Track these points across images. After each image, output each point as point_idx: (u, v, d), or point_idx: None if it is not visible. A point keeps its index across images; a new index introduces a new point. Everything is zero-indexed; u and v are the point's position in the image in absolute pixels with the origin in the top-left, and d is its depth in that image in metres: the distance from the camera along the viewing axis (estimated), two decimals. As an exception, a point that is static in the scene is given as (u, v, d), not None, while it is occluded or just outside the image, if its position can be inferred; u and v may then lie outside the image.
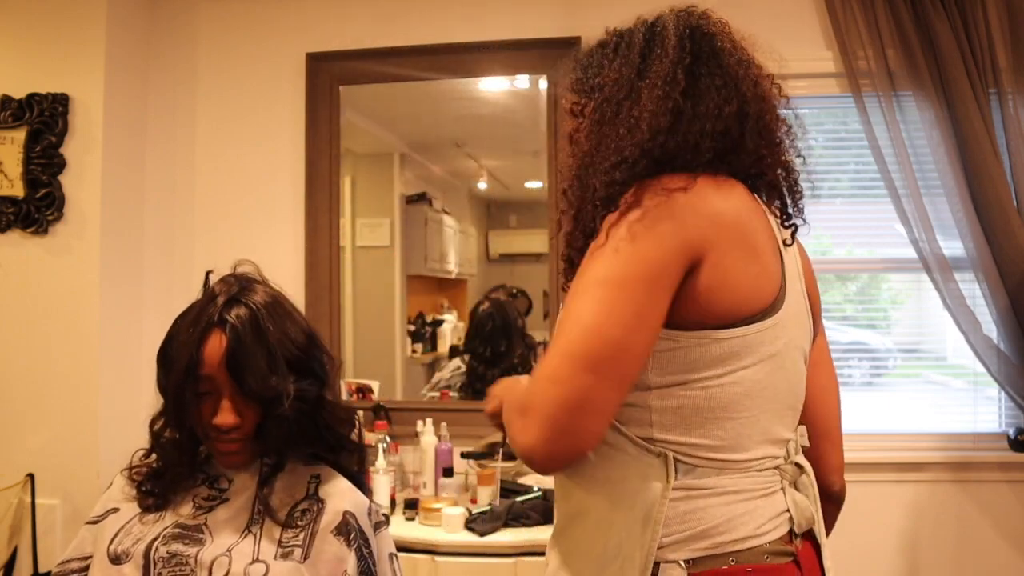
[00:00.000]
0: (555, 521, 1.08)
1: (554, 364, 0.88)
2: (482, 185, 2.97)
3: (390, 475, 2.40)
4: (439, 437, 2.51)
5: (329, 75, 2.76)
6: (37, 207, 2.55)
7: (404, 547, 2.13)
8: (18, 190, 2.56)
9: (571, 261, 1.02)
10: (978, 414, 2.60)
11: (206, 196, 2.83)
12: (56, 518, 2.50)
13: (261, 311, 1.17)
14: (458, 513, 2.21)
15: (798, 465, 1.04)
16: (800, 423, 1.08)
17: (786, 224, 1.06)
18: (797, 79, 2.61)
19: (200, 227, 2.82)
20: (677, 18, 1.03)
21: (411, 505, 2.34)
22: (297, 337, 1.20)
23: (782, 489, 1.00)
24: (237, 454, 1.19)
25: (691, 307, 0.91)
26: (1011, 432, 2.43)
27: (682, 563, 0.92)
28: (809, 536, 1.03)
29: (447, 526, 2.20)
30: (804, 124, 1.13)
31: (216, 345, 1.15)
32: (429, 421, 2.54)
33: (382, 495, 2.33)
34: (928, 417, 2.63)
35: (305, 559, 1.13)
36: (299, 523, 1.16)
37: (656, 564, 0.92)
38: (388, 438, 2.49)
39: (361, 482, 1.28)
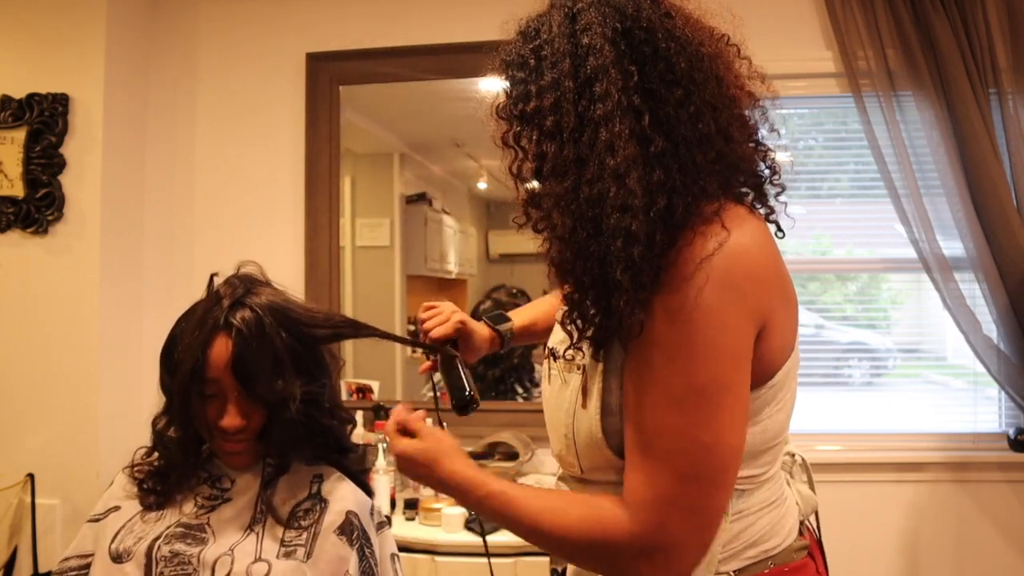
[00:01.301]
0: None
1: (676, 491, 0.83)
2: (482, 185, 2.97)
3: (390, 475, 2.40)
4: (439, 437, 2.50)
5: (329, 75, 2.76)
6: (37, 207, 2.55)
7: (404, 547, 2.13)
8: (18, 190, 2.56)
9: (579, 329, 0.92)
10: (978, 414, 2.60)
11: (206, 196, 2.83)
12: (56, 518, 2.49)
13: (266, 314, 1.17)
14: (458, 513, 2.21)
15: (791, 454, 1.10)
16: None
17: (769, 219, 0.99)
18: (797, 79, 2.62)
19: (200, 227, 2.82)
20: (600, 8, 0.86)
21: (411, 505, 2.34)
22: (314, 323, 1.20)
23: (787, 483, 1.05)
24: (242, 454, 1.19)
25: (756, 370, 0.88)
26: (1011, 432, 2.43)
27: (732, 573, 0.93)
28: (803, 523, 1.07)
29: (447, 526, 2.20)
30: (770, 115, 0.98)
31: (222, 349, 1.14)
32: (429, 421, 2.53)
33: (382, 495, 2.33)
34: (928, 417, 2.63)
35: (308, 558, 1.13)
36: (302, 523, 1.16)
37: None
38: (388, 438, 2.49)
39: (363, 482, 1.27)
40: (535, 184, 0.93)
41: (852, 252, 2.77)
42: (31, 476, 2.49)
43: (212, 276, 1.27)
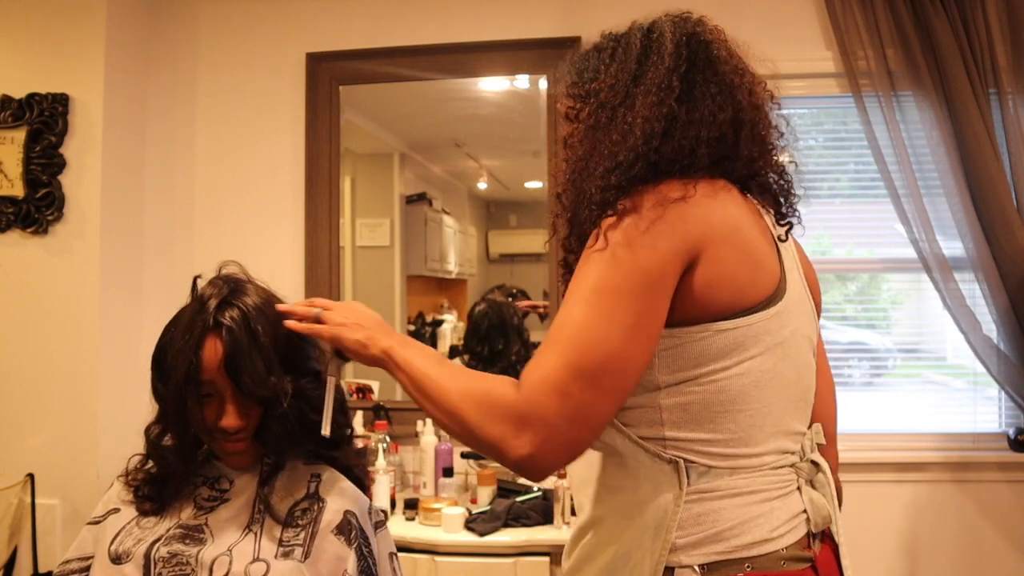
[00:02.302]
0: (571, 532, 1.08)
1: (556, 375, 0.86)
2: (482, 185, 2.97)
3: (390, 475, 2.40)
4: (439, 437, 2.51)
5: (329, 75, 2.76)
6: (37, 207, 2.55)
7: (404, 547, 2.13)
8: (18, 190, 2.56)
9: (568, 266, 1.01)
10: (978, 414, 2.60)
11: (206, 196, 2.83)
12: (56, 518, 2.50)
13: (252, 312, 1.17)
14: (458, 513, 2.21)
15: (814, 463, 1.02)
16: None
17: (781, 223, 1.07)
18: (797, 79, 2.62)
19: (200, 227, 2.82)
20: (674, 24, 1.03)
21: (411, 505, 2.34)
22: (287, 340, 1.19)
23: (798, 488, 0.98)
24: (243, 453, 1.19)
25: (690, 304, 0.91)
26: (1011, 432, 2.43)
27: (696, 568, 0.91)
28: (828, 537, 1.02)
29: (447, 526, 2.20)
30: (795, 130, 1.13)
31: (214, 350, 1.14)
32: (429, 421, 2.54)
33: (382, 495, 2.33)
34: (928, 417, 2.63)
35: (306, 558, 1.13)
36: (300, 522, 1.16)
37: (671, 569, 0.92)
38: (388, 438, 2.49)
39: (362, 482, 1.27)
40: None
41: (852, 252, 2.77)
42: (31, 476, 2.49)
43: (195, 279, 1.27)
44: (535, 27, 2.65)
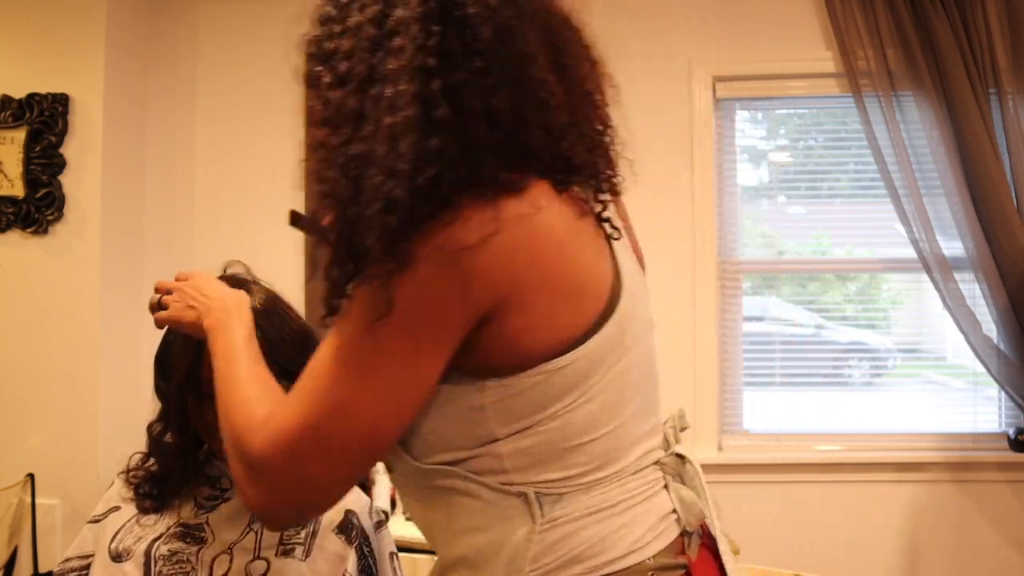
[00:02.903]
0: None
1: (291, 435, 0.77)
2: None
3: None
4: (439, 437, 2.51)
5: (329, 75, 2.75)
6: (37, 207, 2.55)
7: (405, 547, 2.12)
8: (18, 190, 2.56)
9: (330, 306, 0.84)
10: (978, 414, 2.60)
11: (206, 196, 2.83)
12: (56, 518, 2.50)
13: (257, 312, 1.17)
14: (458, 513, 2.21)
15: (679, 455, 0.90)
16: None
17: (600, 199, 0.88)
18: (797, 79, 2.62)
19: (200, 227, 2.82)
20: None
21: (411, 505, 2.34)
22: (293, 337, 1.19)
23: (665, 486, 0.88)
24: None
25: (506, 354, 0.78)
26: (1011, 432, 2.43)
27: None
28: (708, 537, 0.91)
29: (447, 526, 2.20)
30: (614, 87, 0.91)
31: None
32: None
33: (383, 495, 2.33)
34: (928, 417, 2.63)
35: (306, 557, 1.13)
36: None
37: None
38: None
39: (362, 481, 1.27)
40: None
41: (852, 252, 2.77)
42: (31, 476, 2.49)
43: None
44: (535, 27, 2.65)
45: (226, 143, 2.83)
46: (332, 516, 1.17)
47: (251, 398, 0.84)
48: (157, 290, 1.10)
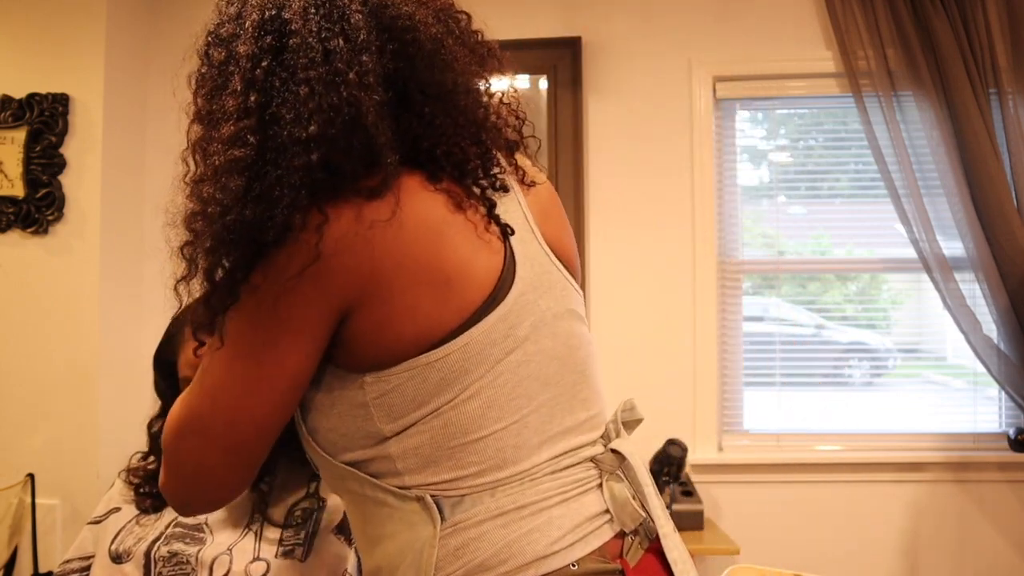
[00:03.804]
0: None
1: (179, 421, 0.81)
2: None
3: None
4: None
5: (329, 75, 2.75)
6: (37, 207, 2.55)
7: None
8: (18, 190, 2.56)
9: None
10: (978, 414, 2.60)
11: (206, 196, 2.83)
12: (56, 518, 2.50)
13: None
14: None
15: (615, 452, 0.85)
16: None
17: (488, 196, 0.85)
18: (797, 79, 2.62)
19: (200, 227, 2.82)
20: None
21: (411, 505, 2.33)
22: None
23: (599, 485, 0.83)
24: None
25: (373, 348, 0.78)
26: (1011, 432, 2.43)
27: None
28: (654, 539, 0.85)
29: (447, 526, 2.19)
30: (500, 62, 0.92)
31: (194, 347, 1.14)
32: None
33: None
34: (928, 417, 2.63)
35: (306, 557, 1.13)
36: (299, 522, 1.16)
37: None
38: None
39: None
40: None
41: (852, 252, 2.77)
42: (31, 476, 2.49)
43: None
44: (535, 27, 2.65)
45: (226, 143, 2.83)
46: (331, 517, 1.17)
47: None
48: None
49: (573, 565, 0.77)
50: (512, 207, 0.86)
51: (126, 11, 2.69)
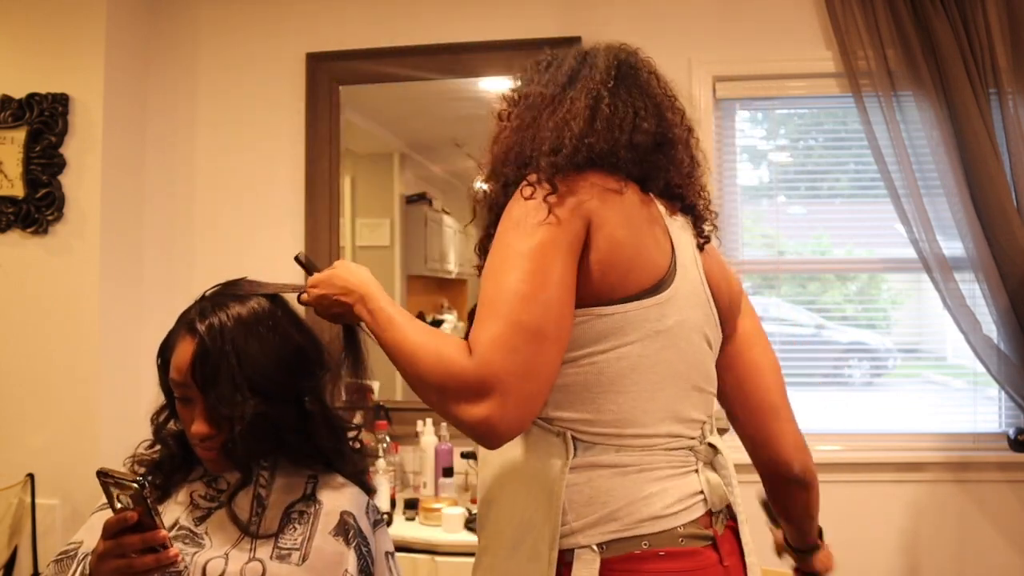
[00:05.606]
0: (477, 515, 1.11)
1: (503, 334, 0.90)
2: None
3: (390, 475, 2.40)
4: (439, 437, 2.51)
5: (329, 75, 2.76)
6: (37, 207, 2.56)
7: (404, 547, 2.13)
8: (18, 190, 2.56)
9: (485, 249, 1.05)
10: (978, 414, 2.60)
11: (206, 196, 2.83)
12: (56, 518, 2.50)
13: (231, 323, 1.14)
14: (458, 513, 2.21)
15: (712, 446, 1.07)
16: (745, 406, 1.21)
17: (701, 236, 1.14)
18: (797, 79, 2.62)
19: (200, 227, 2.82)
20: (608, 49, 1.11)
21: (411, 505, 2.34)
22: (268, 359, 1.15)
23: (696, 470, 1.03)
24: (215, 462, 1.17)
25: (584, 283, 0.96)
26: (1011, 432, 2.43)
27: (595, 547, 0.95)
28: (731, 518, 1.07)
29: (447, 526, 2.20)
30: (710, 165, 1.18)
31: (185, 351, 1.13)
32: (429, 421, 2.54)
33: (382, 495, 2.33)
34: (928, 417, 2.63)
35: (303, 561, 1.12)
36: (296, 524, 1.16)
37: (570, 551, 0.95)
38: (388, 438, 2.49)
39: (363, 482, 1.26)
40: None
41: (852, 252, 2.77)
42: (31, 476, 2.49)
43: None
44: (535, 27, 2.65)
45: (226, 143, 2.83)
46: (328, 519, 1.16)
47: (434, 342, 0.95)
48: (304, 304, 1.18)
49: (681, 527, 0.97)
50: (685, 236, 1.09)
51: (126, 11, 2.69)
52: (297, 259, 1.26)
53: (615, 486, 0.96)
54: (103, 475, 0.99)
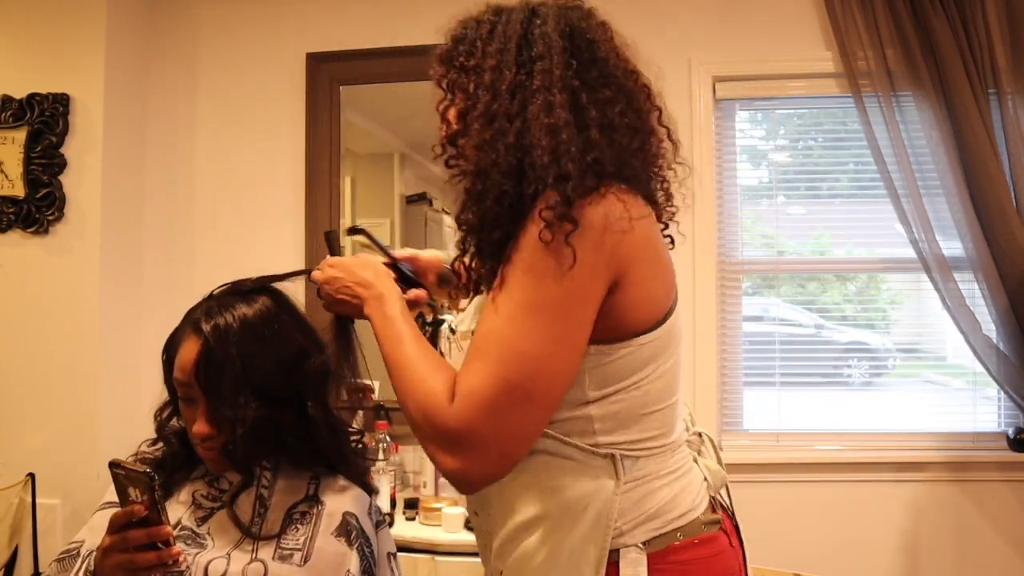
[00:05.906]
0: (497, 539, 1.03)
1: (485, 390, 0.88)
2: (482, 185, 2.96)
3: (390, 475, 2.40)
4: (439, 437, 2.51)
5: (329, 75, 2.76)
6: (37, 207, 2.56)
7: (404, 547, 2.13)
8: (18, 190, 2.56)
9: (482, 251, 0.98)
10: (977, 414, 2.60)
11: (206, 196, 2.83)
12: (56, 518, 2.50)
13: (236, 325, 1.13)
14: (458, 513, 2.21)
15: (699, 434, 1.13)
16: None
17: (665, 233, 1.10)
18: (797, 79, 2.62)
19: (200, 227, 2.82)
20: (559, 12, 1.00)
21: (411, 505, 2.34)
22: (271, 363, 1.15)
23: (695, 460, 1.08)
24: (215, 462, 1.17)
25: (614, 322, 0.94)
26: (1010, 432, 2.43)
27: (640, 545, 0.97)
28: (719, 501, 1.12)
29: (447, 526, 2.20)
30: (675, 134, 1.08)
31: (190, 351, 1.13)
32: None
33: (382, 495, 2.33)
34: (928, 417, 2.63)
35: (304, 562, 1.12)
36: (299, 525, 1.15)
37: (616, 551, 0.96)
38: (388, 438, 2.50)
39: (365, 482, 1.26)
40: (455, 126, 1.03)
41: (852, 252, 2.77)
42: (31, 476, 2.49)
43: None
44: (535, 27, 2.65)
45: (226, 143, 2.83)
46: (329, 520, 1.16)
47: (426, 376, 0.95)
48: (314, 281, 1.18)
49: (702, 515, 1.02)
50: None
51: (126, 11, 2.69)
52: (326, 235, 1.27)
53: (655, 489, 0.99)
54: (115, 466, 1.00)
